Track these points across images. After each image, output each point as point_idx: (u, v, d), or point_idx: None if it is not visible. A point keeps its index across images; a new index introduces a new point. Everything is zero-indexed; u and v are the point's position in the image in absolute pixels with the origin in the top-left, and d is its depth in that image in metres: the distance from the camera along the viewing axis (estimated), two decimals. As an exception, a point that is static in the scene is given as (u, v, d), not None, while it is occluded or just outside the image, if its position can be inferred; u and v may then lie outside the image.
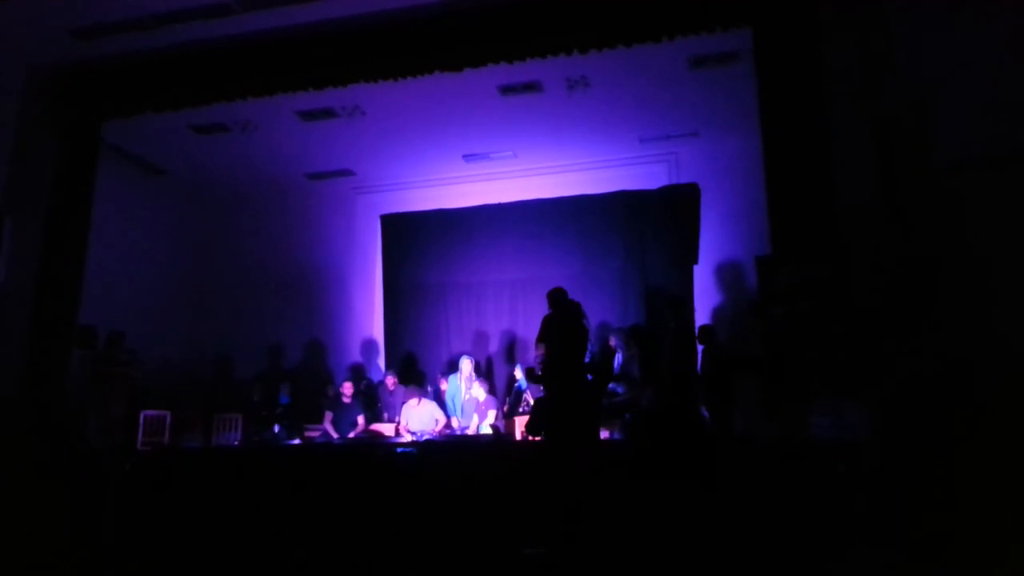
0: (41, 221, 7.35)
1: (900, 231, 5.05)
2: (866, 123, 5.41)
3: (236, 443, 8.22)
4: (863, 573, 4.23)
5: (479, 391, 8.37)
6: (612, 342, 8.55)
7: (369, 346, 10.69)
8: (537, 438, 6.49)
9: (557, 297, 6.01)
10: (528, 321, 9.42)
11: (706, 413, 6.88)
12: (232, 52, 7.22)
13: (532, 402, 7.77)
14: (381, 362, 10.45)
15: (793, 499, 4.60)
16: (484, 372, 9.53)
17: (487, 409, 8.18)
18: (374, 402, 9.25)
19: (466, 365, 8.81)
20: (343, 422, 8.62)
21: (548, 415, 5.75)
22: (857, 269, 5.32)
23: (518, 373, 8.60)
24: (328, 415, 8.70)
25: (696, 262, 9.31)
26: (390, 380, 9.15)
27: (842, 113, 5.68)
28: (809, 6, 5.94)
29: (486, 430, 7.76)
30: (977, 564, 4.11)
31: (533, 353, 6.65)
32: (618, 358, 8.37)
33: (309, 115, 8.73)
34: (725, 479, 4.85)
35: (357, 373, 10.03)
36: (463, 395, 8.68)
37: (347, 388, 8.85)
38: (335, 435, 8.39)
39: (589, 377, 7.82)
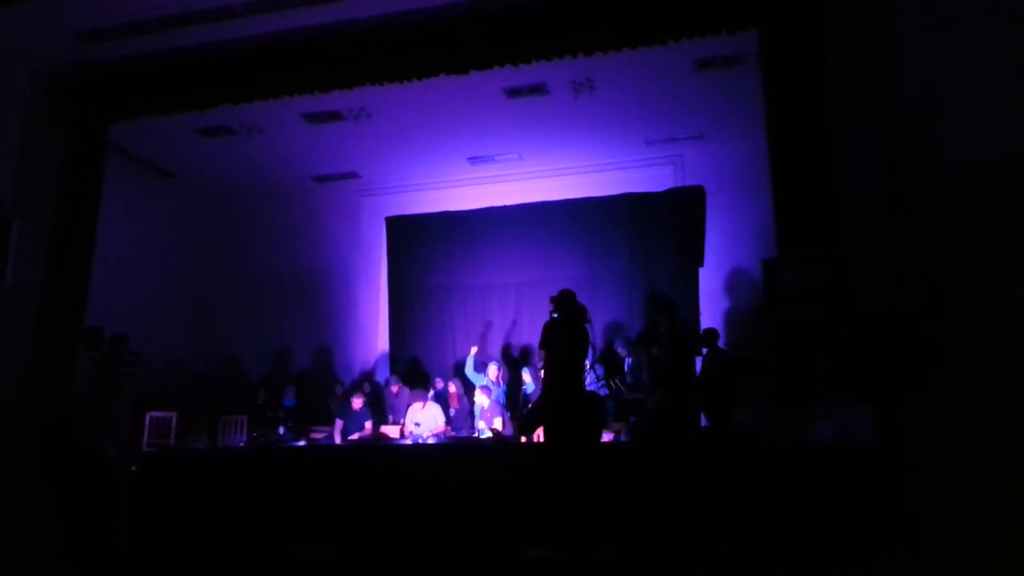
0: (48, 224, 7.37)
1: (906, 234, 5.03)
2: (871, 126, 5.39)
3: (242, 444, 8.23)
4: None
5: (483, 398, 8.33)
6: (620, 350, 8.54)
7: (374, 348, 10.70)
8: (524, 439, 6.50)
9: (563, 300, 5.94)
10: (534, 324, 9.41)
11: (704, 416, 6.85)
12: (238, 55, 7.23)
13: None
14: (386, 363, 10.46)
15: (796, 503, 4.58)
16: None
17: (492, 415, 8.16)
18: (380, 404, 9.26)
19: (492, 370, 8.75)
20: (352, 428, 8.62)
21: (544, 419, 5.76)
22: (862, 272, 5.31)
23: (526, 376, 8.57)
24: (339, 423, 8.70)
25: (701, 265, 9.30)
26: (394, 386, 9.15)
27: (847, 116, 5.67)
28: (815, 9, 5.93)
29: (487, 434, 7.75)
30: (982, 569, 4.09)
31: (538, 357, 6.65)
32: (627, 364, 8.38)
33: (315, 118, 8.76)
34: (730, 483, 4.84)
35: (365, 381, 9.98)
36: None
37: (356, 402, 8.76)
38: (338, 440, 8.41)
39: (600, 372, 7.85)
